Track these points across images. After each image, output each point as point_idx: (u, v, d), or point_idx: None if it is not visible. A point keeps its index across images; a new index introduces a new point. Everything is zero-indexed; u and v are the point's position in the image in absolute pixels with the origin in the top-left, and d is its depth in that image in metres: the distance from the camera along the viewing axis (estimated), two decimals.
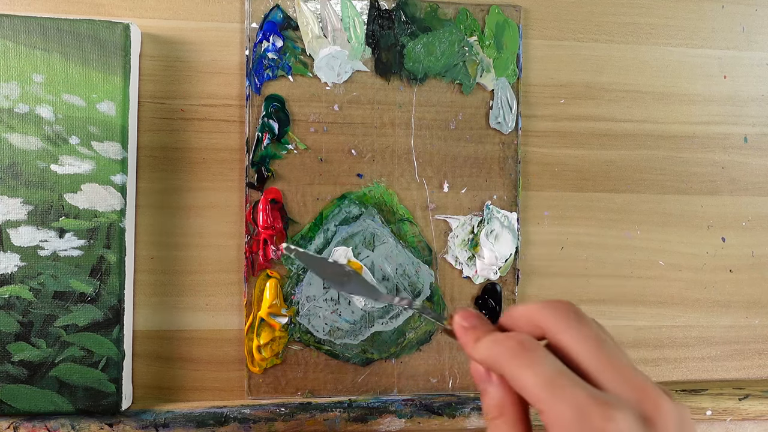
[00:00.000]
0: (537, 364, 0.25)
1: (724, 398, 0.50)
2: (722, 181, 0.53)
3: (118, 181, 0.43)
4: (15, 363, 0.41)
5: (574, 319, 0.27)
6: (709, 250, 0.52)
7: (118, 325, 0.42)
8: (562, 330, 0.27)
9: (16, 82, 0.42)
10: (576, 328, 0.26)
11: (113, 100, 0.43)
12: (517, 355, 0.26)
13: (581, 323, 0.27)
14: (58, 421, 0.42)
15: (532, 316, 0.28)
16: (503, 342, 0.27)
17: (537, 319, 0.28)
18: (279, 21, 0.46)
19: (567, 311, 0.27)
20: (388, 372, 0.47)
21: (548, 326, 0.27)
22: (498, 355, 0.27)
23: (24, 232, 0.42)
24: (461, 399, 0.47)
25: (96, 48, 0.43)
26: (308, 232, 0.47)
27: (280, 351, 0.46)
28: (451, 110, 0.48)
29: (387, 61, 0.48)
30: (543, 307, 0.28)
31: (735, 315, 0.52)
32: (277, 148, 0.46)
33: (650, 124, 0.52)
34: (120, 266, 0.43)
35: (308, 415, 0.45)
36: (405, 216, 0.48)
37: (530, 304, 0.28)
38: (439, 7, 0.48)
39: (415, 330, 0.48)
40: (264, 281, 0.46)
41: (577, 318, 0.27)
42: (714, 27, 0.53)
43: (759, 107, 0.53)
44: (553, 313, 0.27)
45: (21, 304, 0.41)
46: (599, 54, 0.51)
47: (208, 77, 0.46)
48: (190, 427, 0.44)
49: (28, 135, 0.42)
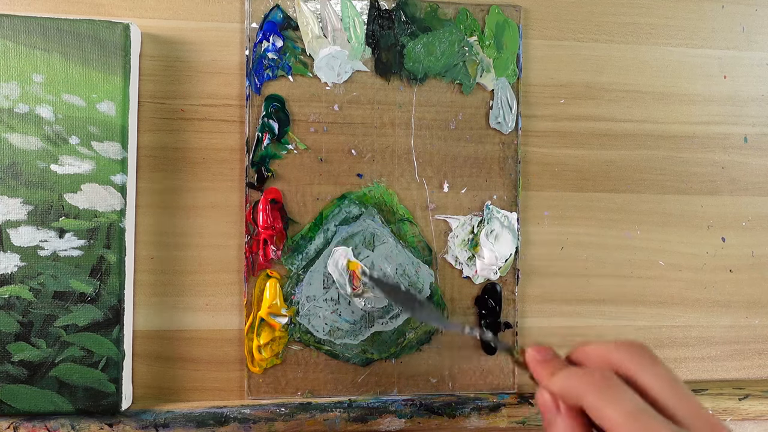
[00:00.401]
0: (622, 399, 0.28)
1: (724, 398, 0.50)
2: (722, 181, 0.53)
3: (118, 181, 0.43)
4: (15, 363, 0.41)
5: (651, 360, 0.29)
6: (709, 250, 0.52)
7: (118, 325, 0.42)
8: (641, 370, 0.29)
9: (16, 82, 0.42)
10: (653, 367, 0.29)
11: (113, 100, 0.43)
12: (601, 388, 0.28)
13: (657, 364, 0.29)
14: (58, 421, 0.42)
15: (606, 355, 0.30)
16: (586, 375, 0.29)
17: (612, 357, 0.30)
18: (279, 21, 0.46)
19: (643, 352, 0.30)
20: (388, 372, 0.47)
21: (625, 365, 0.29)
22: (579, 387, 0.29)
23: (24, 232, 0.42)
24: (461, 399, 0.47)
25: (96, 48, 0.43)
26: (308, 232, 0.47)
27: (280, 351, 0.46)
28: (451, 110, 0.48)
29: (387, 61, 0.48)
30: (618, 346, 0.30)
31: (735, 315, 0.52)
32: (277, 148, 0.46)
33: (650, 124, 0.52)
34: (120, 266, 0.43)
35: (308, 415, 0.45)
36: (405, 216, 0.48)
37: (604, 343, 0.31)
38: (439, 7, 0.48)
39: (415, 330, 0.48)
40: (264, 281, 0.46)
41: (653, 359, 0.29)
42: (714, 27, 0.53)
43: (759, 107, 0.53)
44: (629, 353, 0.30)
45: (21, 304, 0.41)
46: (599, 54, 0.51)
47: (208, 77, 0.46)
48: (190, 427, 0.44)
49: (28, 135, 0.42)
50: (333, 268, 0.46)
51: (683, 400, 0.28)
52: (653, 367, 0.29)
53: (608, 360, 0.30)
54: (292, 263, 0.46)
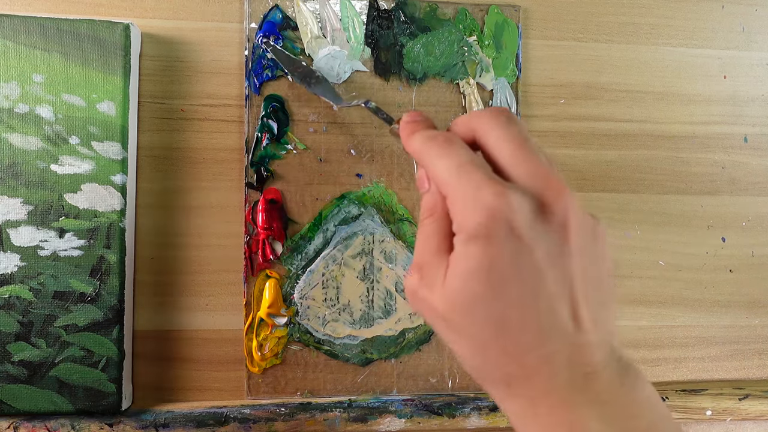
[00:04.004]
0: (451, 154, 0.27)
1: (724, 398, 0.50)
2: (722, 181, 0.53)
3: (118, 181, 0.43)
4: (15, 363, 0.41)
5: (503, 121, 0.27)
6: (709, 250, 0.52)
7: (118, 325, 0.42)
8: (489, 130, 0.28)
9: (16, 82, 0.42)
10: (502, 128, 0.27)
11: (113, 100, 0.43)
12: (438, 146, 0.28)
13: (509, 124, 0.27)
14: (58, 421, 0.42)
15: (469, 121, 0.29)
16: (432, 137, 0.28)
17: (472, 123, 0.28)
18: (278, 21, 0.46)
19: (498, 114, 0.28)
20: (387, 372, 0.47)
21: (478, 128, 0.28)
22: (425, 148, 0.28)
23: (24, 232, 0.42)
24: (461, 399, 0.47)
25: (96, 48, 0.43)
26: (307, 232, 0.47)
27: (279, 351, 0.46)
28: (450, 110, 0.48)
29: (386, 61, 0.48)
30: (479, 112, 0.29)
31: (735, 315, 0.52)
32: (276, 148, 0.46)
33: (650, 124, 0.52)
34: (120, 266, 0.43)
35: (308, 415, 0.45)
36: (404, 216, 0.48)
37: (474, 112, 0.29)
38: (438, 6, 0.48)
39: (414, 330, 0.48)
40: (263, 281, 0.46)
41: (507, 120, 0.28)
42: (714, 27, 0.53)
43: (759, 107, 0.53)
44: (485, 117, 0.28)
45: (21, 304, 0.42)
46: (599, 54, 0.51)
47: (208, 77, 0.46)
48: (190, 427, 0.44)
49: (28, 135, 0.42)
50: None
51: (524, 158, 0.26)
52: (506, 127, 0.27)
53: (469, 127, 0.29)
54: (292, 263, 0.46)
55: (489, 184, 0.25)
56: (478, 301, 0.25)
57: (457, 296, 0.26)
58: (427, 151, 0.28)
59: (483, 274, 0.25)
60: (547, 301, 0.25)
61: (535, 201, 0.25)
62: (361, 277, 0.47)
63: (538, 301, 0.25)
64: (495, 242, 0.25)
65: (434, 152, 0.28)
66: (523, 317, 0.25)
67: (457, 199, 0.26)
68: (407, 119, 0.31)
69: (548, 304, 0.25)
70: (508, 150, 0.27)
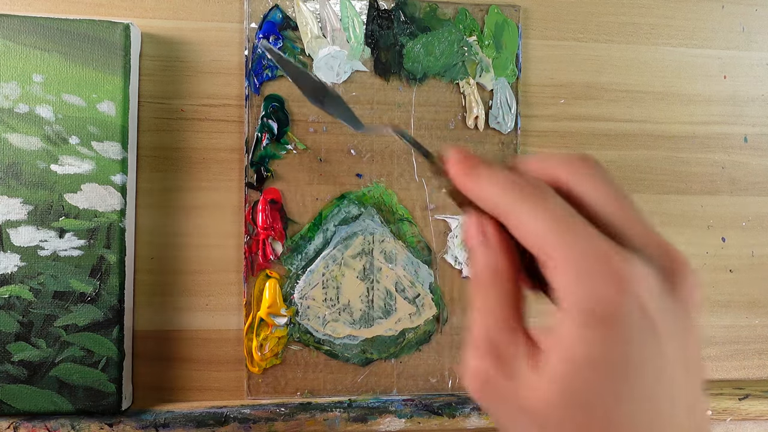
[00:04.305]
0: (549, 207, 0.22)
1: (724, 398, 0.50)
2: (722, 181, 0.53)
3: (118, 181, 0.43)
4: (15, 363, 0.41)
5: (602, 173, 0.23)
6: (709, 250, 0.52)
7: (118, 325, 0.42)
8: (583, 180, 0.23)
9: (16, 82, 0.42)
10: (603, 181, 0.23)
11: (113, 100, 0.43)
12: (526, 194, 0.22)
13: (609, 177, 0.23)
14: (58, 421, 0.42)
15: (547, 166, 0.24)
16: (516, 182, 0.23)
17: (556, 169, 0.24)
18: (278, 21, 0.46)
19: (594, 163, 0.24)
20: (387, 372, 0.47)
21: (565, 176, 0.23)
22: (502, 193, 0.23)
23: (24, 232, 0.42)
24: (461, 399, 0.47)
25: (96, 48, 0.43)
26: (307, 232, 0.47)
27: (279, 351, 0.46)
28: (450, 110, 0.48)
29: (386, 61, 0.48)
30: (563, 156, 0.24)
31: (735, 315, 0.52)
32: (276, 148, 0.46)
33: (650, 124, 0.52)
34: (120, 266, 0.43)
35: (308, 415, 0.45)
36: (404, 216, 0.48)
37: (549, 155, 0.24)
38: (438, 6, 0.48)
39: (414, 330, 0.48)
40: (263, 281, 0.46)
41: (601, 169, 0.23)
42: (714, 27, 0.53)
43: (759, 107, 0.53)
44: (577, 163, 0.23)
45: (21, 304, 0.42)
46: (599, 54, 0.51)
47: (208, 77, 0.46)
48: (190, 427, 0.44)
49: (28, 135, 0.42)
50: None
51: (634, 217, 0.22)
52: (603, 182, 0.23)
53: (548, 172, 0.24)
54: (292, 263, 0.46)
55: (614, 249, 0.21)
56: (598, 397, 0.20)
57: (565, 389, 0.21)
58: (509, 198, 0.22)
59: (609, 365, 0.20)
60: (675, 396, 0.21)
61: (661, 274, 0.21)
62: (361, 277, 0.47)
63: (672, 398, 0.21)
64: (626, 324, 0.20)
65: (522, 202, 0.22)
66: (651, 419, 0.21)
67: (566, 265, 0.21)
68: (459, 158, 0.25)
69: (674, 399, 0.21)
70: (613, 208, 0.22)
